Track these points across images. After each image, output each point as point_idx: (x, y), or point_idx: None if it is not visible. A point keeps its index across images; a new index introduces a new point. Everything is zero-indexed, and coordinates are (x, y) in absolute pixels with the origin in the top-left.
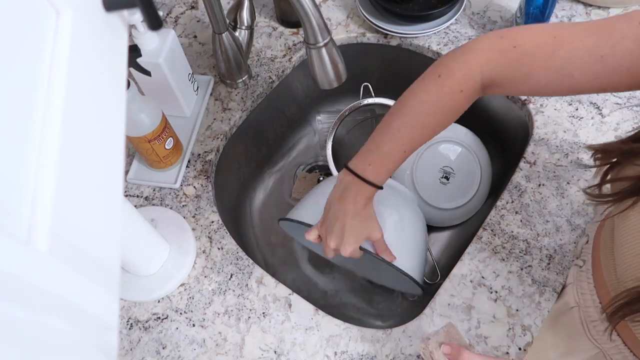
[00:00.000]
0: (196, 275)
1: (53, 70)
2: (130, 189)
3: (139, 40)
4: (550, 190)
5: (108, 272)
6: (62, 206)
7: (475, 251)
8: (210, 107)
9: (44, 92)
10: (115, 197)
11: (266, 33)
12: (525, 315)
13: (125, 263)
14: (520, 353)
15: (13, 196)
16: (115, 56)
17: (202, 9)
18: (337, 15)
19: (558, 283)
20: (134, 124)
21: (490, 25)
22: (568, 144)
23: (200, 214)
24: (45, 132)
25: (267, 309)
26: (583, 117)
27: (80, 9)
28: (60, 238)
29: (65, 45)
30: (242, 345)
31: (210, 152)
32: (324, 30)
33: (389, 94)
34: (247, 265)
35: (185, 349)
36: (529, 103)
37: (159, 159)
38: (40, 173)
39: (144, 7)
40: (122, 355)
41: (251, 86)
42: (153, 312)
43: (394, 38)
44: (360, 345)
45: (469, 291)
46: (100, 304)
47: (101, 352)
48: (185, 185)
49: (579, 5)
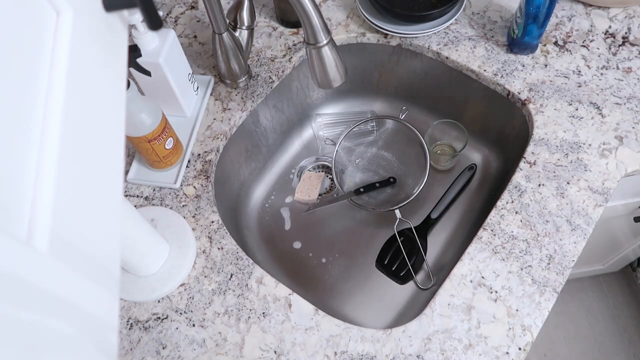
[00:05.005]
0: (196, 275)
1: (53, 70)
2: (130, 189)
3: (139, 40)
4: (550, 190)
5: (108, 272)
6: (62, 206)
7: (475, 251)
8: (210, 107)
9: (43, 92)
10: (115, 197)
11: (266, 33)
12: (525, 315)
13: (125, 263)
14: (520, 353)
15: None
16: (115, 56)
17: (202, 9)
18: (337, 15)
19: (558, 283)
20: (134, 124)
21: (490, 25)
22: (568, 144)
23: (200, 214)
24: (45, 132)
25: (267, 309)
26: (583, 117)
27: (80, 9)
28: (60, 238)
29: (65, 45)
30: (242, 345)
31: (210, 152)
32: (324, 30)
33: (389, 94)
34: (247, 265)
35: (185, 349)
36: (529, 103)
37: (159, 159)
38: (40, 173)
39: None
40: (122, 355)
41: (251, 86)
42: (153, 312)
43: (394, 38)
44: (360, 345)
45: (469, 291)
46: (100, 304)
47: (101, 352)
48: (185, 185)
49: (579, 5)
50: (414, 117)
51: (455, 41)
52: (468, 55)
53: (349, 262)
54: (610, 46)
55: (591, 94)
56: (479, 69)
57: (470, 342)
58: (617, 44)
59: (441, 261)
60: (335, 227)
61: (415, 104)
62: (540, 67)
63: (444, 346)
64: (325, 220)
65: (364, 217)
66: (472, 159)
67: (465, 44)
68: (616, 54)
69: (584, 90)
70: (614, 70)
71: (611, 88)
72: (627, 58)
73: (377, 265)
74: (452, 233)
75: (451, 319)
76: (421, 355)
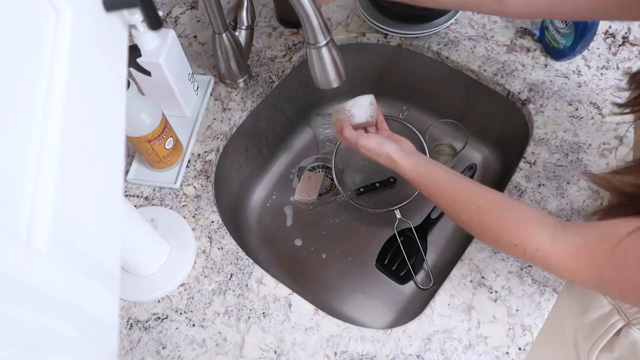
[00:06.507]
0: (196, 275)
1: (53, 70)
2: (130, 189)
3: (139, 40)
4: (550, 190)
5: (108, 272)
6: (62, 206)
7: (475, 251)
8: (210, 107)
9: (43, 92)
10: (115, 197)
11: (266, 33)
12: (525, 315)
13: (125, 263)
14: (520, 353)
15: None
16: (115, 56)
17: (202, 9)
18: (337, 15)
19: (558, 283)
20: (134, 124)
21: (491, 25)
22: (568, 144)
23: (200, 214)
24: (45, 132)
25: (267, 309)
26: (583, 117)
27: (80, 8)
28: (60, 238)
29: (65, 45)
30: (242, 345)
31: (210, 152)
32: (324, 30)
33: (389, 94)
34: (247, 265)
35: (185, 349)
36: (529, 103)
37: (159, 159)
38: (40, 173)
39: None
40: (122, 355)
41: (251, 86)
42: (153, 312)
43: (394, 38)
44: (360, 345)
45: (469, 291)
46: (100, 304)
47: (101, 352)
48: (185, 185)
49: None
50: (414, 117)
51: (455, 41)
52: (468, 55)
53: (349, 262)
54: (610, 46)
55: (591, 94)
56: (479, 69)
57: (470, 342)
58: (617, 44)
59: (441, 261)
60: (335, 227)
61: (415, 104)
62: (540, 67)
63: (444, 346)
64: (326, 220)
65: (364, 217)
66: (472, 159)
67: (465, 44)
68: (616, 54)
69: (584, 90)
70: (614, 70)
71: (611, 88)
72: (627, 58)
73: (377, 265)
74: (452, 233)
75: (451, 319)
76: (421, 355)
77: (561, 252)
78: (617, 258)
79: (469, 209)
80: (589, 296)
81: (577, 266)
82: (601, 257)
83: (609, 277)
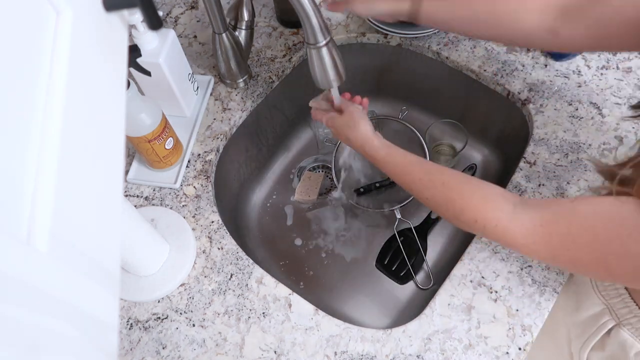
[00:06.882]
0: (196, 275)
1: (53, 70)
2: (130, 189)
3: (139, 40)
4: (550, 190)
5: (108, 272)
6: (62, 206)
7: (475, 251)
8: (210, 107)
9: (43, 92)
10: (115, 197)
11: (266, 33)
12: (525, 315)
13: (125, 263)
14: (520, 353)
15: (13, 196)
16: (115, 56)
17: (202, 9)
18: (337, 15)
19: (558, 283)
20: (134, 124)
21: None
22: (568, 144)
23: (200, 214)
24: (45, 132)
25: (267, 309)
26: (583, 117)
27: (80, 9)
28: (60, 238)
29: (65, 45)
30: (242, 345)
31: (210, 152)
32: (324, 30)
33: (388, 94)
34: (247, 265)
35: (185, 349)
36: (529, 103)
37: (159, 159)
38: (40, 173)
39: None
40: (122, 355)
41: (251, 86)
42: (153, 312)
43: (393, 38)
44: (360, 345)
45: (469, 291)
46: (100, 304)
47: (101, 352)
48: (185, 185)
49: None
50: (414, 117)
51: (455, 41)
52: (468, 55)
53: (349, 262)
54: None
55: (591, 94)
56: (479, 69)
57: (470, 342)
58: None
59: (441, 261)
60: (335, 227)
61: (415, 104)
62: (540, 67)
63: (444, 346)
64: (326, 220)
65: (364, 217)
66: (472, 159)
67: (465, 44)
68: (616, 54)
69: (584, 90)
70: (614, 70)
71: (611, 88)
72: (627, 58)
73: (377, 265)
74: (452, 233)
75: (451, 319)
76: (421, 355)
77: (519, 228)
78: (571, 238)
79: (434, 185)
80: (582, 294)
81: (533, 243)
82: (555, 236)
83: (561, 257)
